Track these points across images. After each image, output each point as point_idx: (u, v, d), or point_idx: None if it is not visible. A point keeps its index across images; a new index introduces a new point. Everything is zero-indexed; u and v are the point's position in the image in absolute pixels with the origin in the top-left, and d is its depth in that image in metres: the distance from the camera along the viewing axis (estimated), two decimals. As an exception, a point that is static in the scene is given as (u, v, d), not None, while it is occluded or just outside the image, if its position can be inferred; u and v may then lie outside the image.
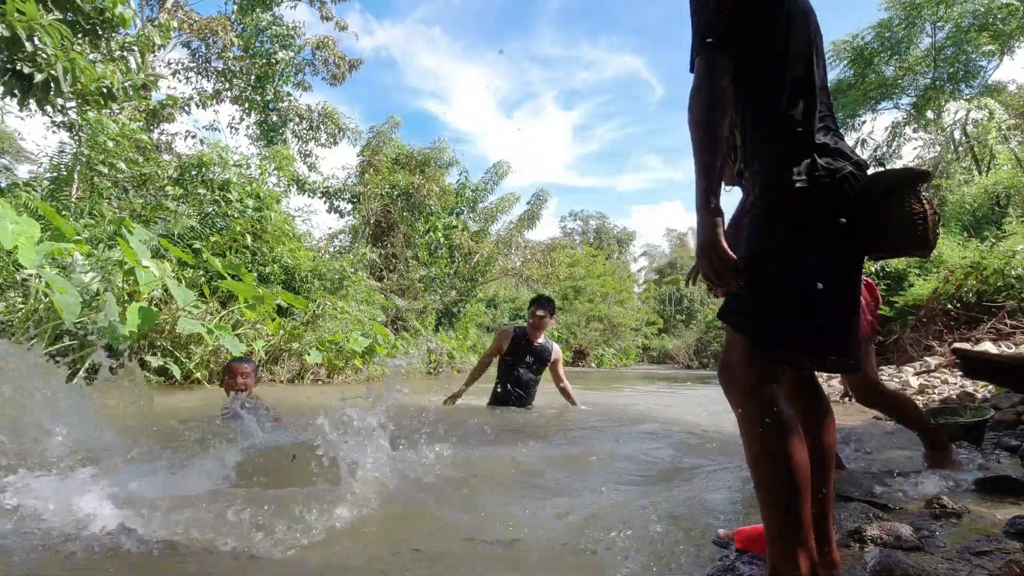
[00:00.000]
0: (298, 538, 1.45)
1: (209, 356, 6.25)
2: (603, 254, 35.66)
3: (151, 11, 13.33)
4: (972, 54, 14.34)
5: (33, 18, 4.49)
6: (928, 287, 8.20)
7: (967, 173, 14.59)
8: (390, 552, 1.44)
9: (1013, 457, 2.65)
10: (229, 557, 1.36)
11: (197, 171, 8.38)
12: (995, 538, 1.51)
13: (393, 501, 1.78)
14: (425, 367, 11.05)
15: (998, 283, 7.07)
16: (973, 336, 6.63)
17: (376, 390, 2.06)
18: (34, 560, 1.29)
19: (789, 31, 1.26)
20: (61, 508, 1.49)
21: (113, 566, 1.29)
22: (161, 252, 6.52)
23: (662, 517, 1.72)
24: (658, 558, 1.41)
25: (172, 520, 1.50)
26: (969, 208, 11.53)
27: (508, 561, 1.43)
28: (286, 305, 7.92)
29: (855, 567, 1.31)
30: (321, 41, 15.19)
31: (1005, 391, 3.97)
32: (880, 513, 1.73)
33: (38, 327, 4.99)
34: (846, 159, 1.22)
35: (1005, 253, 7.21)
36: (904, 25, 14.40)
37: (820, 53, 1.33)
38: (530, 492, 2.08)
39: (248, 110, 14.81)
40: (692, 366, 30.74)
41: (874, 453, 2.92)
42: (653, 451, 2.99)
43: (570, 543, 1.51)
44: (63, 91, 4.89)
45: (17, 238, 4.69)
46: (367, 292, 10.61)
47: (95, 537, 1.36)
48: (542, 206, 17.85)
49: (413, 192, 14.42)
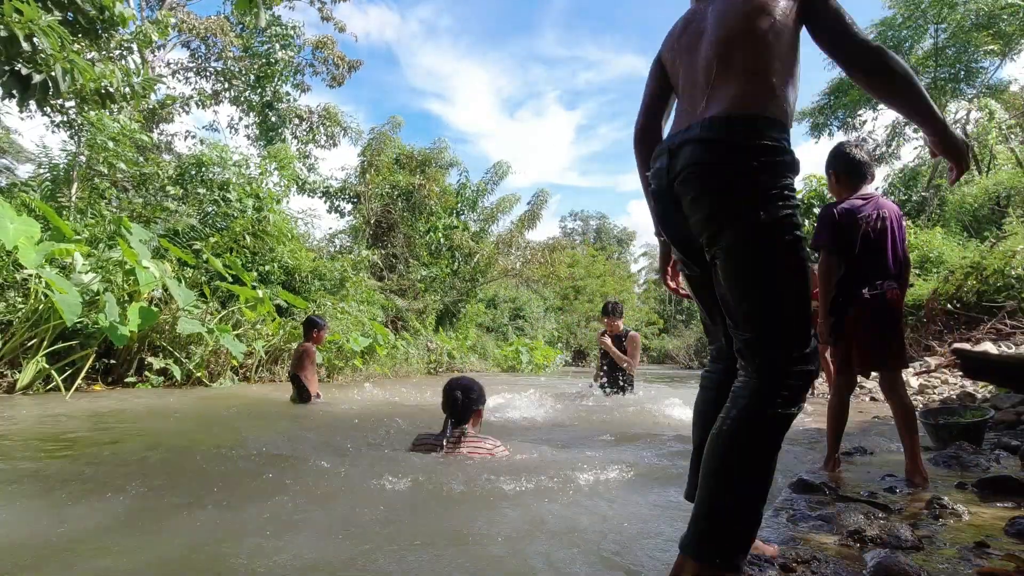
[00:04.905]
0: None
1: (209, 356, 6.25)
2: (603, 254, 35.66)
3: (151, 12, 13.35)
4: (974, 54, 14.33)
5: (31, 19, 4.49)
6: (928, 287, 8.19)
7: (967, 173, 14.58)
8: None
9: (1013, 457, 2.65)
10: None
11: (197, 171, 8.39)
12: (995, 538, 1.50)
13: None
14: (425, 367, 11.06)
15: (998, 283, 7.07)
16: (973, 336, 6.62)
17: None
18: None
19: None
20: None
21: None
22: (161, 252, 6.53)
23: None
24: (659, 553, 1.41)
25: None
26: (969, 208, 11.53)
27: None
28: (286, 305, 7.92)
29: (855, 567, 1.31)
30: (321, 41, 15.19)
31: (1005, 391, 3.97)
32: (880, 513, 1.73)
33: (38, 327, 4.99)
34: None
35: (1005, 253, 7.21)
36: (907, 24, 14.39)
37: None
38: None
39: (247, 110, 14.81)
40: (692, 366, 30.73)
41: (875, 453, 2.92)
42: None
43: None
44: (62, 92, 4.89)
45: (17, 238, 4.69)
46: (367, 292, 10.61)
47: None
48: (542, 206, 17.84)
49: (414, 192, 14.41)
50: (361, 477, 2.08)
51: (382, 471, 2.05)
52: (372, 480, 1.99)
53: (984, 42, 13.64)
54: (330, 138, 15.60)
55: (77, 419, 3.60)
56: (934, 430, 3.10)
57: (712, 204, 1.19)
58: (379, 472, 2.05)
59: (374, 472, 2.07)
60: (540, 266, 17.73)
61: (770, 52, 1.22)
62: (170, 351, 5.95)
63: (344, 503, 1.82)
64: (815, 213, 9.70)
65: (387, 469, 2.08)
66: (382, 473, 2.03)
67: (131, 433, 3.23)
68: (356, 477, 2.10)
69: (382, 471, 2.05)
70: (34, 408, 4.05)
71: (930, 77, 14.97)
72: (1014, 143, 12.83)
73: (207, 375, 6.22)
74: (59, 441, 2.90)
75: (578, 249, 32.63)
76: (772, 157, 1.16)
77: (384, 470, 2.07)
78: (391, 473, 2.02)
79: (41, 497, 1.85)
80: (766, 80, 1.21)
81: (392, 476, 1.99)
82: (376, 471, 2.08)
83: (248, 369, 7.03)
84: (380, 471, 2.06)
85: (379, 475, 2.01)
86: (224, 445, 2.69)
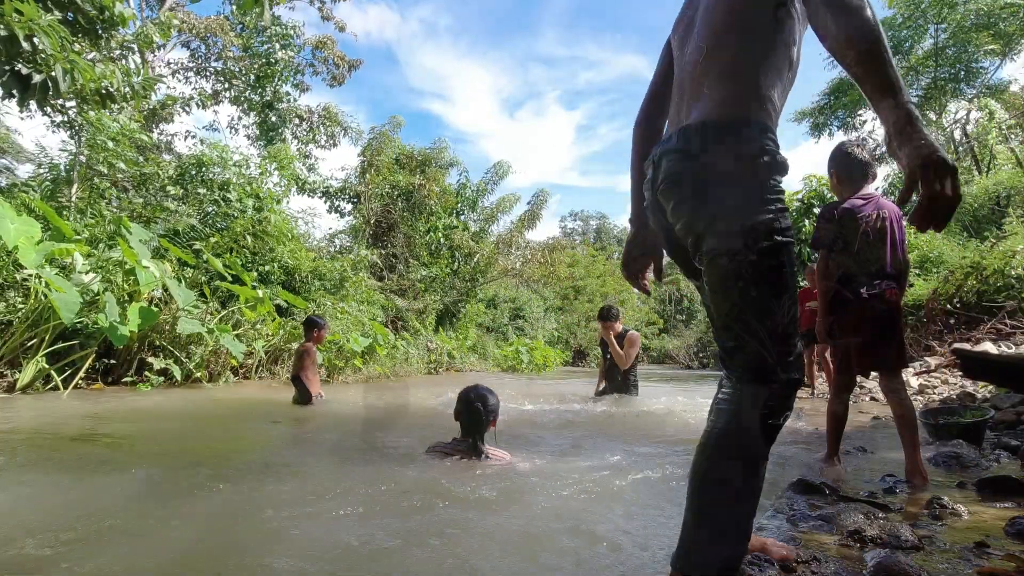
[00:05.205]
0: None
1: (209, 356, 6.24)
2: (603, 254, 35.64)
3: (151, 12, 13.35)
4: (974, 54, 14.33)
5: (31, 18, 4.49)
6: (928, 287, 8.19)
7: (967, 173, 14.58)
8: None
9: (1013, 457, 2.65)
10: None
11: (197, 171, 8.38)
12: (995, 538, 1.50)
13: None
14: (425, 367, 11.05)
15: (998, 283, 7.07)
16: (973, 336, 6.62)
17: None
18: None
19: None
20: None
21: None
22: (161, 252, 6.53)
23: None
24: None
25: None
26: (969, 208, 11.53)
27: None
28: (286, 305, 7.92)
29: (855, 567, 1.31)
30: (321, 41, 15.19)
31: (1005, 391, 3.97)
32: (880, 513, 1.73)
33: (38, 327, 4.99)
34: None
35: (1005, 253, 7.20)
36: (907, 24, 14.39)
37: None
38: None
39: (247, 110, 14.82)
40: (692, 366, 30.72)
41: (875, 453, 2.92)
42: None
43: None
44: (62, 92, 4.89)
45: (17, 238, 4.69)
46: (367, 292, 10.61)
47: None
48: (542, 206, 17.83)
49: (414, 192, 14.41)
50: (372, 478, 2.08)
51: (397, 471, 2.06)
52: (392, 481, 1.99)
53: (984, 42, 13.64)
54: (330, 138, 15.59)
55: (78, 418, 3.61)
56: (934, 430, 3.10)
57: (689, 213, 1.19)
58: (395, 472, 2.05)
59: (388, 472, 2.07)
60: (540, 266, 17.72)
61: (754, 50, 1.18)
62: (170, 351, 5.94)
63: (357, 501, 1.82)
64: (815, 213, 9.70)
65: (399, 471, 2.09)
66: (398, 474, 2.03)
67: (131, 433, 3.23)
68: (366, 476, 2.10)
69: (397, 471, 2.06)
70: (34, 408, 4.05)
71: (930, 77, 14.98)
72: (1014, 143, 12.83)
73: (207, 375, 6.22)
74: (58, 439, 2.90)
75: (578, 249, 32.59)
76: (750, 161, 1.14)
77: (397, 471, 2.07)
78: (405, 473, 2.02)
79: (39, 497, 1.85)
80: (748, 81, 1.18)
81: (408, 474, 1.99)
82: (389, 472, 2.08)
83: (248, 369, 7.02)
84: (395, 471, 2.06)
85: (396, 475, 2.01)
86: (226, 445, 2.69)
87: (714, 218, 1.15)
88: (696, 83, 1.25)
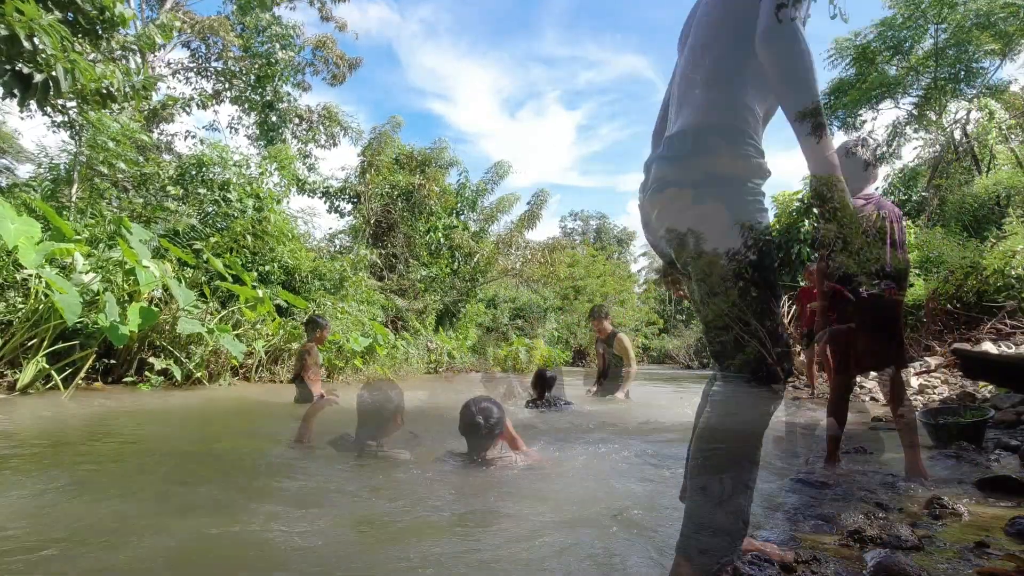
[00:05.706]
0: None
1: (209, 356, 6.25)
2: (603, 254, 35.64)
3: (151, 12, 13.35)
4: (974, 54, 14.32)
5: (32, 18, 4.49)
6: (928, 287, 8.19)
7: (967, 173, 14.58)
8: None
9: (1013, 457, 2.65)
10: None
11: (197, 171, 8.38)
12: (995, 538, 1.50)
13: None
14: (425, 367, 11.06)
15: (998, 283, 7.07)
16: (973, 336, 6.62)
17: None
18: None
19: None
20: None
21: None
22: (161, 252, 6.53)
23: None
24: (660, 552, 1.41)
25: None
26: (969, 208, 11.52)
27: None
28: (286, 305, 7.92)
29: (855, 567, 1.31)
30: (321, 41, 15.19)
31: (1005, 391, 3.97)
32: (880, 513, 1.73)
33: (38, 327, 4.99)
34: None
35: (1005, 253, 7.20)
36: (907, 24, 14.37)
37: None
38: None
39: (248, 110, 14.81)
40: (692, 366, 30.71)
41: (874, 453, 2.92)
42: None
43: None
44: (63, 91, 4.89)
45: (17, 238, 4.69)
46: (367, 292, 10.61)
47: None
48: (542, 206, 17.81)
49: (414, 192, 14.40)
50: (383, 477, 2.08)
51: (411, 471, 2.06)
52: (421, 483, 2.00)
53: (984, 42, 13.63)
54: (330, 138, 15.58)
55: (78, 419, 3.61)
56: (934, 430, 3.10)
57: (670, 219, 1.26)
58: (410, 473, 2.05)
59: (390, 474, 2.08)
60: (540, 266, 17.71)
61: (735, 58, 1.24)
62: (170, 351, 5.95)
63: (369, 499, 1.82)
64: (815, 213, 9.67)
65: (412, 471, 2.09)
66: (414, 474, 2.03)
67: (131, 434, 3.23)
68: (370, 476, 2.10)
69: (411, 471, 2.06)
70: (34, 408, 4.05)
71: (930, 77, 14.97)
72: (1014, 143, 12.83)
73: (207, 375, 6.22)
74: (58, 439, 2.90)
75: (578, 249, 32.57)
76: (729, 165, 1.19)
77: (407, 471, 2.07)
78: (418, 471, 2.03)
79: (40, 496, 1.85)
80: (727, 89, 1.23)
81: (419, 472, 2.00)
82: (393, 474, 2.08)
83: (248, 369, 7.03)
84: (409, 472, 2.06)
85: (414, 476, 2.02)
86: (226, 445, 2.69)
87: (689, 224, 1.21)
88: (683, 94, 1.33)
